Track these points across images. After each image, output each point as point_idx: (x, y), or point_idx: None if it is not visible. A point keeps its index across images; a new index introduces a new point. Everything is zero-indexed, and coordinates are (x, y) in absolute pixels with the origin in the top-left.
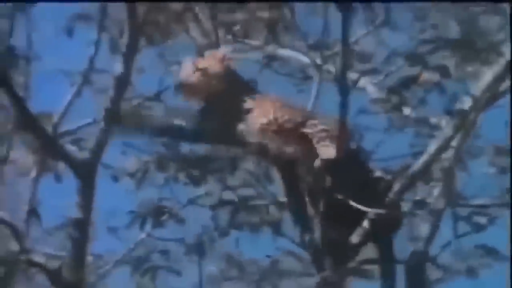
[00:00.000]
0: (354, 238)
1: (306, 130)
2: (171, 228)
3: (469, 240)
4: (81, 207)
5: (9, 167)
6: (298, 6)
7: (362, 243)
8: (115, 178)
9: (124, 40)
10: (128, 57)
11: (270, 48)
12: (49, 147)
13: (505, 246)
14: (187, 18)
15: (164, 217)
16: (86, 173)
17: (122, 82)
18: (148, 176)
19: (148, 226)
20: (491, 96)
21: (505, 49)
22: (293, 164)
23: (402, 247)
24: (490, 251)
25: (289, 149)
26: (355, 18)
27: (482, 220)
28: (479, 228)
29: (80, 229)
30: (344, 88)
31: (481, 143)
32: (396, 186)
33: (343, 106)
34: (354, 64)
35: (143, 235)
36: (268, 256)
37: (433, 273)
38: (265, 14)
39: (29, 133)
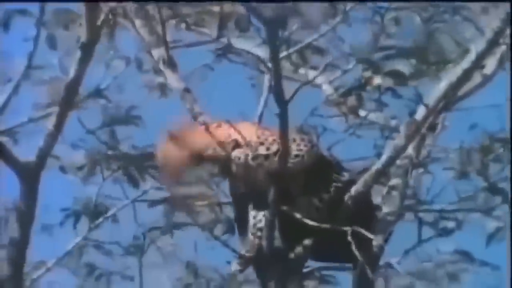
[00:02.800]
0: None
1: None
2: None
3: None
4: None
5: None
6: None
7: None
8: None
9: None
10: (85, 57)
11: (224, 39)
12: None
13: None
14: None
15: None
16: (30, 176)
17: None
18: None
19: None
20: (448, 101)
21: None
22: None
23: None
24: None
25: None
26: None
27: (450, 224)
28: (447, 232)
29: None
30: (281, 100)
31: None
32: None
33: (282, 118)
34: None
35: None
36: (228, 263)
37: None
38: (217, 8)
39: None
